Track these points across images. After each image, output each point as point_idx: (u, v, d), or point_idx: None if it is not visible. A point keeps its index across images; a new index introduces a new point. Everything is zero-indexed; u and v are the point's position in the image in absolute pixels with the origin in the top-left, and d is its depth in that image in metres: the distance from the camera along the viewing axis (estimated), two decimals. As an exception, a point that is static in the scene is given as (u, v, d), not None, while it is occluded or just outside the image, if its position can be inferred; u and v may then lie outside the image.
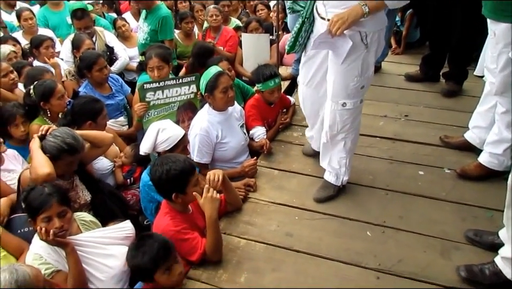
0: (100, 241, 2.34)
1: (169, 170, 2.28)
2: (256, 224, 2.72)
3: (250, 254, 2.50)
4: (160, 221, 2.37)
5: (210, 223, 2.32)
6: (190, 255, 2.32)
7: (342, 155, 2.68)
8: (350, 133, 2.59)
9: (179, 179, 2.30)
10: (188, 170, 2.32)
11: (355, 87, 2.40)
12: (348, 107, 2.44)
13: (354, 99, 2.45)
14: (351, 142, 2.66)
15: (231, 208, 2.78)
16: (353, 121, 2.56)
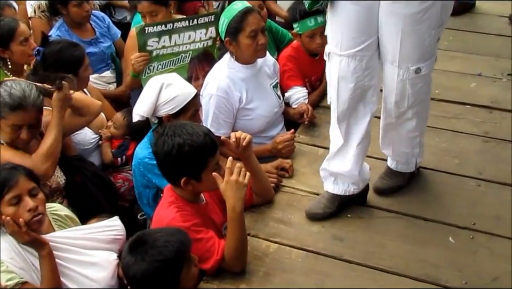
0: (79, 244, 2.37)
1: (182, 144, 2.30)
2: (292, 222, 2.73)
3: (283, 264, 2.50)
4: (162, 214, 2.40)
5: (233, 217, 2.33)
6: (203, 262, 2.34)
7: (414, 134, 2.66)
8: (423, 105, 2.57)
9: (195, 160, 2.32)
10: (208, 148, 2.33)
11: (431, 43, 2.37)
12: (423, 73, 2.41)
13: (430, 59, 2.42)
14: (425, 114, 2.64)
15: (258, 201, 2.79)
16: (428, 90, 2.55)
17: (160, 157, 2.36)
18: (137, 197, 3.01)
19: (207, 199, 2.53)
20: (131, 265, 2.08)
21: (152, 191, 2.88)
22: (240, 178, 2.32)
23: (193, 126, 2.38)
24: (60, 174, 2.85)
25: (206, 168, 2.33)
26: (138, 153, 2.89)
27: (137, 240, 2.12)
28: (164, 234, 2.11)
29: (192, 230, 2.31)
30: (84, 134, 3.40)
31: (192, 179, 2.35)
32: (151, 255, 2.05)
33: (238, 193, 2.32)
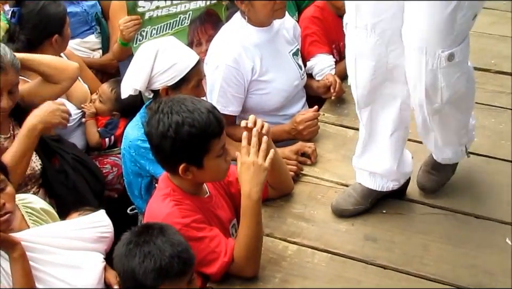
0: (57, 244, 2.37)
1: (181, 124, 2.28)
2: (315, 219, 2.73)
3: (304, 269, 2.51)
4: (156, 208, 2.41)
5: (249, 206, 2.34)
6: (206, 265, 2.35)
7: (459, 126, 2.62)
8: (465, 98, 2.51)
9: (195, 143, 2.30)
10: (212, 129, 2.31)
11: (466, 21, 2.24)
12: (458, 59, 2.29)
13: (465, 41, 2.30)
14: (469, 104, 2.60)
15: (274, 195, 2.79)
16: (469, 80, 2.46)
17: (154, 138, 2.34)
18: (127, 186, 3.02)
19: (211, 191, 2.53)
20: (121, 260, 2.11)
21: (145, 180, 2.89)
22: (259, 160, 2.33)
23: (194, 101, 2.36)
24: (35, 158, 2.85)
25: (209, 153, 2.32)
26: (128, 133, 2.89)
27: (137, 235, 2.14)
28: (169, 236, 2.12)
29: (193, 227, 2.32)
30: None
31: (193, 166, 2.33)
32: (147, 255, 2.06)
33: (256, 177, 2.32)
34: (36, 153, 2.86)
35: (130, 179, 2.94)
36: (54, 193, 2.82)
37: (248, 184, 2.33)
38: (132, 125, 2.91)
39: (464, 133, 2.65)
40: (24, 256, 2.24)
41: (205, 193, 2.51)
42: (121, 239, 2.14)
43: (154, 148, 2.38)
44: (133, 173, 2.90)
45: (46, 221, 2.51)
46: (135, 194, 2.97)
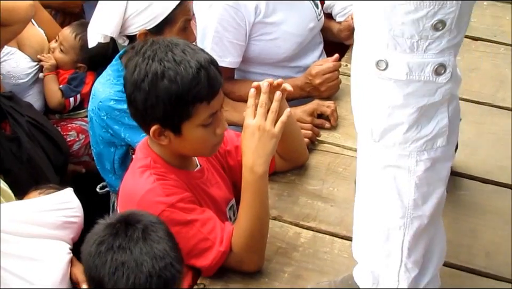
0: (12, 230, 2.39)
1: (160, 75, 2.26)
2: (335, 198, 2.75)
3: (321, 261, 2.52)
4: (134, 184, 2.42)
5: (251, 182, 2.35)
6: (198, 256, 2.36)
7: None
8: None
9: (174, 103, 2.28)
10: (200, 90, 2.28)
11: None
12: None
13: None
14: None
15: (284, 167, 2.81)
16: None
17: (127, 86, 2.36)
18: (96, 158, 3.05)
19: (202, 164, 2.54)
20: (88, 263, 2.07)
21: (119, 150, 2.93)
22: (267, 124, 2.32)
23: (187, 50, 2.34)
24: None
25: (190, 119, 2.31)
26: (98, 91, 2.90)
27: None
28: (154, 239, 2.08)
29: (180, 207, 2.33)
30: (15, 60, 3.45)
31: (168, 130, 2.33)
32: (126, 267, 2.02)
33: (262, 146, 2.32)
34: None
35: (100, 149, 2.96)
36: (3, 167, 2.84)
37: (251, 155, 2.33)
38: (102, 80, 2.91)
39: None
40: None
41: (194, 166, 2.52)
42: (93, 232, 2.11)
43: (127, 98, 2.39)
44: (104, 142, 2.92)
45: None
46: (106, 168, 3.00)
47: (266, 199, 2.40)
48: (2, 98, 3.07)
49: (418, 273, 2.13)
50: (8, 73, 3.40)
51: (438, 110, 1.89)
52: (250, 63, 3.15)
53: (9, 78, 3.44)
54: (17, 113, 3.09)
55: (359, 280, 2.28)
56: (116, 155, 2.94)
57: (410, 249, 2.09)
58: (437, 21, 1.76)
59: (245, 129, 2.35)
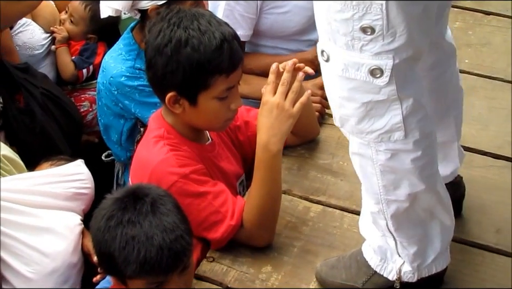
0: (24, 201, 2.39)
1: (184, 42, 2.27)
2: (345, 172, 2.74)
3: (330, 236, 2.52)
4: (147, 154, 2.43)
5: (264, 160, 2.34)
6: (209, 228, 2.37)
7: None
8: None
9: (195, 72, 2.29)
10: (221, 62, 2.29)
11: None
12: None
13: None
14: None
15: (295, 141, 2.81)
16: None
17: (149, 50, 2.35)
18: (102, 129, 3.05)
19: (214, 138, 2.54)
20: (98, 239, 2.06)
21: (128, 122, 2.93)
22: (286, 103, 2.31)
23: (213, 21, 2.35)
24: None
25: (207, 90, 2.31)
26: (109, 66, 2.90)
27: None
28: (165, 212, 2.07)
29: (192, 179, 2.33)
30: (30, 32, 3.46)
31: (184, 99, 2.33)
32: (130, 238, 2.02)
33: (278, 124, 2.31)
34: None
35: (109, 120, 2.96)
36: (17, 138, 2.85)
37: (266, 132, 2.32)
38: (114, 54, 2.91)
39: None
40: None
41: (206, 139, 2.52)
42: (101, 208, 2.11)
43: (147, 62, 2.38)
44: (113, 114, 2.93)
45: (10, 171, 2.54)
46: (111, 140, 3.01)
47: (279, 177, 2.40)
48: (16, 70, 3.07)
49: (418, 248, 2.13)
50: (24, 44, 3.42)
51: (389, 108, 1.86)
52: (261, 36, 3.14)
53: (25, 49, 3.45)
54: (32, 85, 3.09)
55: (367, 255, 2.27)
56: (125, 127, 2.93)
57: (397, 231, 2.10)
58: (364, 25, 1.73)
59: (263, 105, 2.34)
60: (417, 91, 1.89)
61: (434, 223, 2.14)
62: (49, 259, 2.36)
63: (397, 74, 1.79)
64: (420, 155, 1.94)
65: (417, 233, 2.12)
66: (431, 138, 1.98)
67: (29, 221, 2.39)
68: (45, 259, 2.36)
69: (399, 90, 1.82)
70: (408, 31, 1.75)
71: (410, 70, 1.85)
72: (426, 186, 2.02)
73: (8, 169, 2.55)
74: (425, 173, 2.00)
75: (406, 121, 1.86)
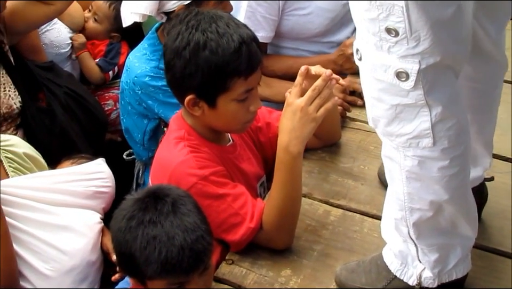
0: (43, 198, 2.39)
1: (202, 45, 2.28)
2: (365, 176, 2.74)
3: (350, 240, 2.51)
4: (167, 155, 2.44)
5: (285, 162, 2.33)
6: (228, 230, 2.37)
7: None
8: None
9: (213, 75, 2.29)
10: (239, 64, 2.29)
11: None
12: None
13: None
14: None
15: (316, 144, 2.80)
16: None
17: (168, 52, 2.36)
18: (124, 128, 3.06)
19: (235, 139, 2.54)
20: (118, 239, 2.06)
21: (152, 122, 2.93)
22: (310, 108, 2.29)
23: (231, 24, 2.35)
24: (13, 92, 2.87)
25: (226, 92, 2.31)
26: (133, 65, 2.91)
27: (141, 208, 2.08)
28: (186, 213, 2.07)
29: (212, 181, 2.33)
30: (57, 30, 3.49)
31: (202, 102, 2.33)
32: (152, 238, 2.02)
33: (301, 127, 2.30)
34: (15, 86, 2.88)
35: (132, 120, 2.98)
36: (35, 138, 2.86)
37: (288, 133, 2.30)
38: (138, 54, 2.92)
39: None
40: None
41: (227, 141, 2.52)
42: (121, 208, 2.11)
43: (166, 64, 2.40)
44: (137, 113, 2.94)
45: (30, 169, 2.54)
46: (134, 140, 3.01)
47: (299, 180, 2.38)
48: (40, 70, 3.08)
49: (439, 256, 2.11)
50: (51, 42, 3.43)
51: (418, 113, 1.84)
52: (283, 38, 3.14)
53: (52, 48, 3.47)
54: (55, 84, 3.10)
55: (388, 259, 2.26)
56: (148, 127, 2.94)
57: (418, 238, 2.08)
58: (389, 26, 1.72)
59: (287, 106, 2.32)
60: (449, 99, 1.85)
61: (456, 234, 2.12)
62: (67, 257, 2.36)
63: (424, 80, 1.77)
64: (448, 165, 1.91)
65: (438, 242, 2.09)
66: (462, 149, 1.94)
67: (48, 219, 2.39)
68: (63, 257, 2.36)
69: (427, 96, 1.80)
70: (433, 36, 1.72)
71: (440, 77, 1.82)
72: (452, 197, 1.98)
73: (29, 167, 2.55)
74: (453, 183, 1.96)
75: (435, 128, 1.83)
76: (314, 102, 2.29)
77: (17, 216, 2.35)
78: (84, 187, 2.50)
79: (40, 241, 2.37)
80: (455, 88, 1.88)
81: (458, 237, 2.11)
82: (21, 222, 2.35)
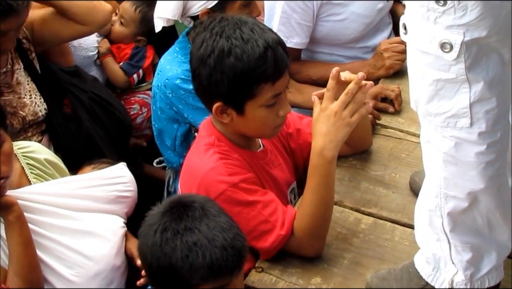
0: (65, 204, 2.39)
1: (227, 52, 2.26)
2: (397, 184, 2.71)
3: (381, 249, 2.49)
4: (197, 161, 2.43)
5: (318, 167, 2.32)
6: (258, 238, 2.35)
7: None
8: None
9: (239, 81, 2.27)
10: (266, 70, 2.27)
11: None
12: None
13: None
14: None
15: (346, 151, 2.77)
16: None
17: (193, 60, 2.36)
18: (156, 134, 3.04)
19: (265, 144, 2.53)
20: (145, 249, 2.05)
21: (182, 127, 2.91)
22: (345, 112, 2.28)
23: (255, 29, 2.33)
24: (38, 100, 2.87)
25: (254, 99, 2.29)
26: (165, 68, 2.90)
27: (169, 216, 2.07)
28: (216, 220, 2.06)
29: (242, 188, 2.32)
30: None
31: (230, 109, 2.32)
32: (185, 246, 2.00)
33: (335, 131, 2.29)
34: (40, 93, 2.87)
35: (163, 125, 2.96)
36: (62, 145, 2.86)
37: (322, 138, 2.29)
38: (170, 57, 2.91)
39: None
40: (21, 218, 2.26)
41: (257, 146, 2.51)
42: (147, 224, 2.08)
43: (192, 72, 2.39)
44: (167, 118, 2.93)
45: (52, 175, 2.54)
46: (165, 145, 3.00)
47: (333, 185, 2.37)
48: (65, 74, 3.12)
49: (473, 256, 2.08)
50: (80, 45, 3.45)
51: (458, 90, 1.84)
52: (318, 43, 3.14)
53: (80, 50, 3.49)
54: (79, 89, 3.11)
55: (419, 266, 2.24)
56: (179, 132, 2.93)
57: (452, 232, 2.05)
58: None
59: (321, 111, 2.31)
60: (491, 81, 1.84)
61: (492, 238, 2.09)
62: (92, 262, 2.37)
63: (467, 53, 1.77)
64: (485, 150, 1.90)
65: (473, 241, 2.07)
66: (499, 136, 1.93)
67: (71, 225, 2.40)
68: (88, 262, 2.37)
69: (469, 71, 1.80)
70: (481, 7, 1.72)
71: (484, 55, 1.81)
72: (487, 187, 1.96)
73: (50, 173, 2.55)
74: (489, 172, 1.94)
75: (473, 108, 1.83)
76: (349, 107, 2.29)
77: (40, 222, 2.35)
78: (106, 192, 2.50)
79: (64, 247, 2.37)
80: (499, 72, 1.87)
81: (495, 242, 2.08)
82: (44, 229, 2.35)
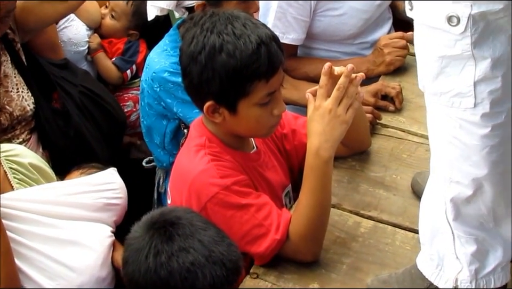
0: (50, 212, 2.38)
1: (218, 48, 2.23)
2: (398, 186, 2.68)
3: (381, 253, 2.45)
4: (188, 163, 2.41)
5: (314, 167, 2.29)
6: (252, 242, 2.32)
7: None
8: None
9: (232, 79, 2.24)
10: (259, 67, 2.24)
11: None
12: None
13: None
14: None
15: (344, 152, 2.75)
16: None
17: (183, 58, 2.33)
18: (144, 131, 3.05)
19: (259, 145, 2.49)
20: (128, 262, 2.03)
21: (171, 124, 2.92)
22: (339, 109, 2.25)
23: (248, 24, 2.30)
24: (26, 93, 2.84)
25: (247, 97, 2.26)
26: (153, 61, 2.92)
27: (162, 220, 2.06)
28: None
29: (235, 190, 2.29)
30: (75, 27, 3.48)
31: (223, 108, 2.29)
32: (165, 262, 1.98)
33: (331, 130, 2.26)
34: (28, 87, 2.84)
35: (151, 121, 2.97)
36: (49, 141, 2.84)
37: (318, 137, 2.26)
38: (158, 50, 2.92)
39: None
40: (0, 227, 2.23)
41: (251, 148, 2.48)
42: (134, 249, 2.03)
43: (182, 70, 2.37)
44: (156, 114, 2.93)
45: (37, 180, 2.52)
46: (154, 142, 3.00)
47: (330, 186, 2.34)
48: (54, 68, 3.12)
49: (478, 249, 2.07)
50: (70, 40, 3.45)
51: (464, 67, 1.84)
52: (315, 39, 3.15)
53: (71, 45, 3.49)
54: (69, 83, 3.10)
55: (422, 265, 2.23)
56: (168, 128, 2.93)
57: (455, 220, 2.06)
58: None
59: (315, 110, 2.27)
60: (497, 60, 1.83)
61: (498, 232, 2.08)
62: (75, 273, 2.33)
63: (473, 27, 1.77)
64: (489, 133, 1.89)
65: (477, 233, 2.06)
66: (503, 119, 1.92)
67: (54, 233, 2.36)
68: (71, 273, 2.32)
69: (474, 47, 1.79)
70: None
71: (491, 32, 1.81)
72: (491, 174, 1.95)
73: (35, 178, 2.52)
74: (492, 156, 1.93)
75: (477, 87, 1.82)
76: (343, 102, 2.26)
77: (21, 231, 2.31)
78: (93, 199, 2.46)
79: (46, 257, 2.32)
80: (505, 53, 1.85)
81: (500, 237, 2.07)
82: (25, 237, 2.31)
